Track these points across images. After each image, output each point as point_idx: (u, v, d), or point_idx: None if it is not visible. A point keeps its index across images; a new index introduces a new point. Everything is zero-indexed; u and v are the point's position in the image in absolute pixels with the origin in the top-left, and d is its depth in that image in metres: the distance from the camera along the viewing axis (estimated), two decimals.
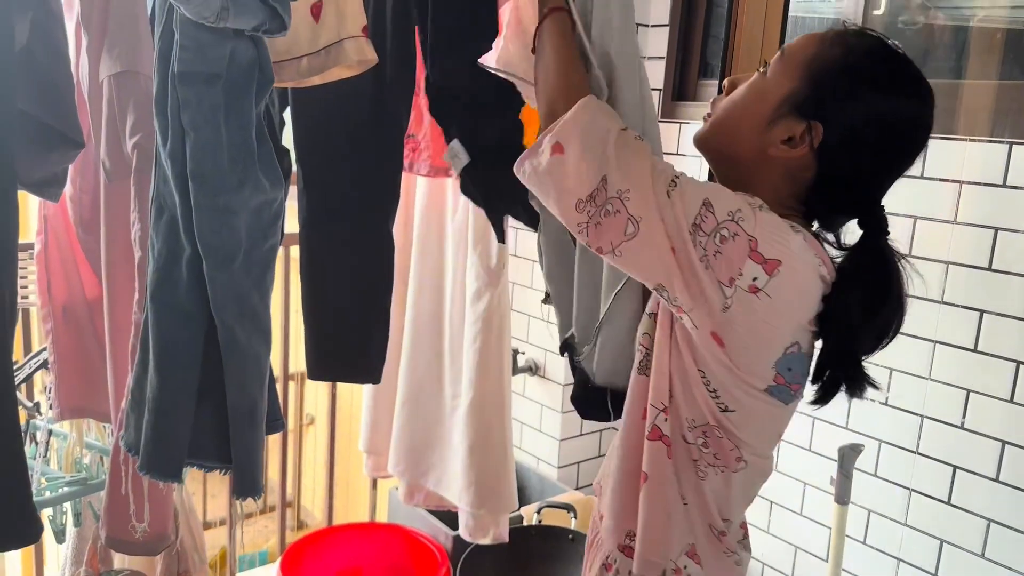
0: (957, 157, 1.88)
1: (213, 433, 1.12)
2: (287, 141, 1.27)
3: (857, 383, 1.03)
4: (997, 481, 1.86)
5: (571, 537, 2.30)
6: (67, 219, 1.48)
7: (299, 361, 1.62)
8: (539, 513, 2.40)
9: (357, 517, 2.79)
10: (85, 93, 1.33)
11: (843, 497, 1.85)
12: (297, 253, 1.50)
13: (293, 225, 1.41)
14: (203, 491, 3.07)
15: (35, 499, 1.13)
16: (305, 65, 1.20)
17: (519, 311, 2.74)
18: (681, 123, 2.45)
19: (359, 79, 1.26)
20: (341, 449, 2.63)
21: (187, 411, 1.10)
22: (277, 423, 1.25)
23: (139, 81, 1.27)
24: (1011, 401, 1.83)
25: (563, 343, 1.38)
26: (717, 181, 1.06)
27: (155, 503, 1.46)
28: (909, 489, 2.02)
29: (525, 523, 2.39)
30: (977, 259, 1.86)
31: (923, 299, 1.94)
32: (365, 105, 1.38)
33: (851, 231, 1.06)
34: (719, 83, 2.27)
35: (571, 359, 1.36)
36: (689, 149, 1.59)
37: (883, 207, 1.03)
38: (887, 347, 1.04)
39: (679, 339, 1.03)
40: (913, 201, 1.95)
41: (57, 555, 1.87)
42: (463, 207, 1.67)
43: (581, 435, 2.76)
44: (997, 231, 1.83)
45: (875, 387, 1.03)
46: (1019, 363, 1.81)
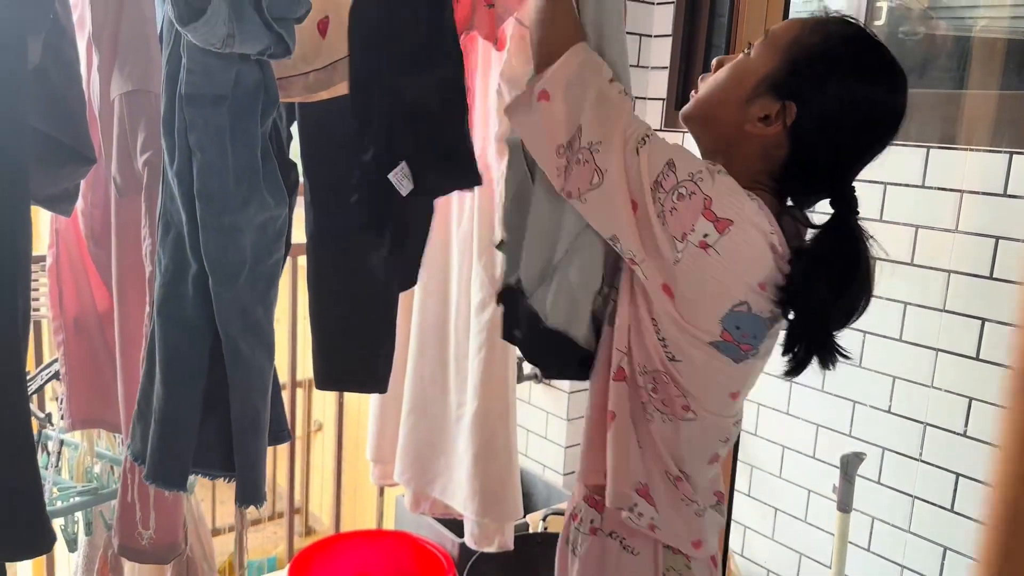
0: (958, 167, 1.89)
1: (217, 443, 1.14)
2: (294, 155, 1.29)
3: (829, 354, 1.06)
4: None
5: None
6: (79, 233, 1.49)
7: (307, 368, 1.63)
8: (545, 520, 2.41)
9: (364, 524, 2.80)
10: (96, 110, 1.34)
11: (846, 505, 1.86)
12: (305, 263, 1.51)
13: (301, 236, 1.43)
14: (212, 497, 3.09)
15: (47, 508, 1.15)
16: (312, 80, 1.22)
17: None
18: (684, 132, 2.45)
19: None
20: (348, 455, 2.65)
21: (192, 422, 1.12)
22: (283, 433, 1.27)
23: (150, 100, 1.28)
24: None
25: (505, 288, 1.29)
26: (701, 156, 1.11)
27: (163, 512, 1.47)
28: (912, 496, 2.03)
29: (531, 530, 2.39)
30: (978, 268, 1.87)
31: (925, 307, 1.95)
32: None
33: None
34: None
35: (514, 304, 1.28)
36: None
37: (853, 188, 1.06)
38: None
39: (635, 289, 1.08)
40: (914, 210, 1.96)
41: (68, 564, 1.88)
42: (468, 217, 1.68)
43: None
44: (998, 240, 1.84)
45: (847, 357, 1.06)
46: None
